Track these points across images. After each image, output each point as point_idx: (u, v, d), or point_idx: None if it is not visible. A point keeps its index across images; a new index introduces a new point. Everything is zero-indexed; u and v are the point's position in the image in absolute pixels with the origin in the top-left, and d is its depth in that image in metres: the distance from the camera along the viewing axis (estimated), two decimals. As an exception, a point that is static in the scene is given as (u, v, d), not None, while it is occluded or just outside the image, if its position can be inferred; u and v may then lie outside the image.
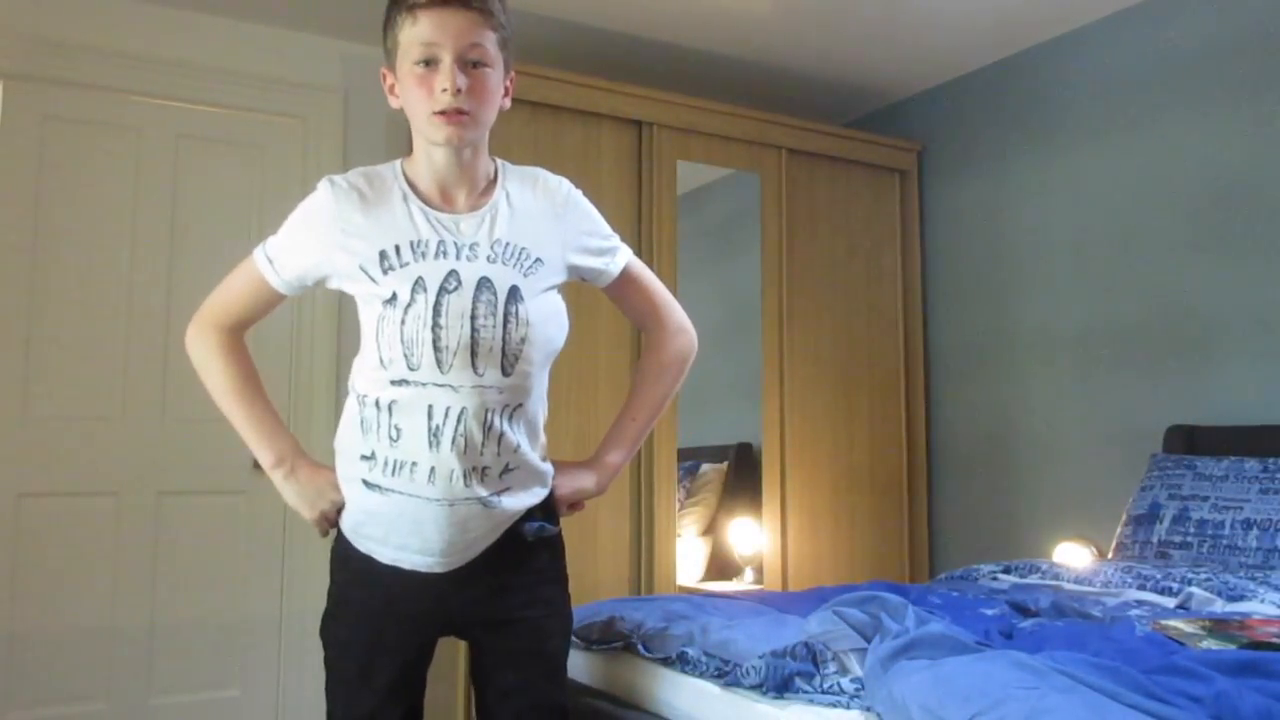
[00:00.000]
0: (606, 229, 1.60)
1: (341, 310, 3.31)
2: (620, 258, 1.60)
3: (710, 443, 3.67)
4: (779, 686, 1.49)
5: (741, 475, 3.61)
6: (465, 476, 1.39)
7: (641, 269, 1.65)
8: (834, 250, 3.71)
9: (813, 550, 3.52)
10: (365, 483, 1.43)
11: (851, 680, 1.46)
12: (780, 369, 3.52)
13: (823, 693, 1.46)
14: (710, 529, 3.63)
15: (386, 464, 1.41)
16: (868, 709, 1.40)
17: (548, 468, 1.53)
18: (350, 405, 1.47)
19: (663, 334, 1.66)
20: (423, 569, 1.44)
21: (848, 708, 1.42)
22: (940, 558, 3.74)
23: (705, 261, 3.52)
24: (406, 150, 1.50)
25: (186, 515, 3.15)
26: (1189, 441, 2.83)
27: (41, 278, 3.03)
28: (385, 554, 1.45)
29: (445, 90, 1.36)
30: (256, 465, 3.12)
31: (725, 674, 1.61)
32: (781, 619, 1.81)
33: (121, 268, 3.14)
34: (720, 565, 3.59)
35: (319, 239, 1.43)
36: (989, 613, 1.85)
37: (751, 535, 3.51)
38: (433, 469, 1.38)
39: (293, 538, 3.28)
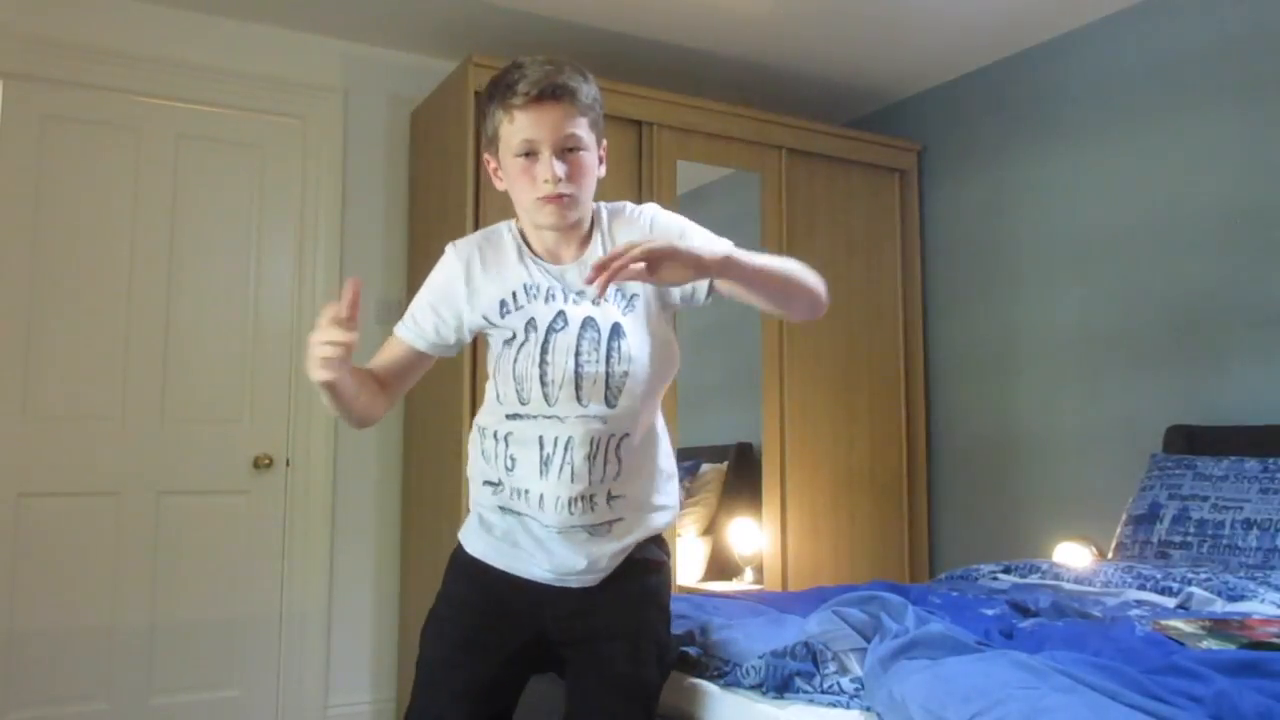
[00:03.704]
0: (688, 230, 1.57)
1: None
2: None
3: (710, 443, 3.67)
4: (779, 686, 1.50)
5: (741, 475, 3.61)
6: (570, 504, 1.47)
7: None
8: (834, 250, 3.70)
9: (813, 550, 3.52)
10: (500, 508, 1.54)
11: (851, 680, 1.46)
12: (780, 369, 3.52)
13: (823, 693, 1.46)
14: (710, 529, 3.63)
15: (509, 490, 1.52)
16: (868, 709, 1.40)
17: (664, 501, 1.58)
18: (474, 438, 1.58)
19: None
20: (536, 579, 1.51)
21: (848, 708, 1.42)
22: (940, 558, 3.74)
23: (705, 261, 3.51)
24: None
25: (186, 515, 3.15)
26: (1189, 441, 2.83)
27: (41, 278, 3.03)
28: (501, 562, 1.54)
29: (547, 181, 1.48)
30: (256, 465, 3.17)
31: (725, 674, 1.61)
32: (781, 619, 1.81)
33: (121, 268, 3.13)
34: (720, 565, 3.59)
35: (448, 295, 1.55)
36: (989, 613, 1.85)
37: (751, 535, 3.51)
38: (542, 496, 1.48)
39: (293, 538, 3.28)
